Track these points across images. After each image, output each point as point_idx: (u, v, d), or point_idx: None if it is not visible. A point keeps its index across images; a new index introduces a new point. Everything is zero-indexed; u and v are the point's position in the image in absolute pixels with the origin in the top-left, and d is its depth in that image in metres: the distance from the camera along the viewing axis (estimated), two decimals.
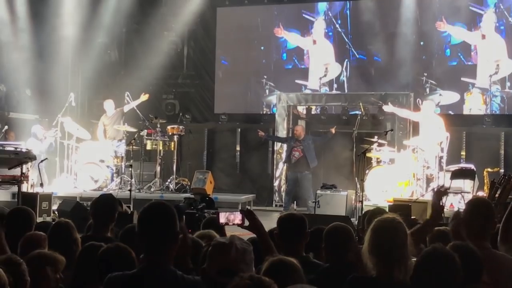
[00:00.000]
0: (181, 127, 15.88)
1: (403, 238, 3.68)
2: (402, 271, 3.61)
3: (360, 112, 14.89)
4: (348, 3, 17.25)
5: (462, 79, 16.03)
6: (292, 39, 17.64)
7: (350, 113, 15.89)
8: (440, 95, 15.87)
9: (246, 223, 4.24)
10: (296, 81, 17.37)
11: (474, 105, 15.94)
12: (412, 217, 9.64)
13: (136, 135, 15.39)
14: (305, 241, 4.69)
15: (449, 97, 16.01)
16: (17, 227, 5.11)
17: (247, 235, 4.30)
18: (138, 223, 3.52)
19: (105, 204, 5.69)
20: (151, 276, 3.36)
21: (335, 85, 16.63)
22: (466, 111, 16.06)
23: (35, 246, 4.41)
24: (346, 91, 16.83)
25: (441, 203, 4.58)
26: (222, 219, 4.21)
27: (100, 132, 15.74)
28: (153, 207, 3.56)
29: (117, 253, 3.94)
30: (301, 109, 16.91)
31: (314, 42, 17.42)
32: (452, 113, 15.98)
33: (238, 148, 17.78)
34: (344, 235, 4.61)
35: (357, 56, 17.04)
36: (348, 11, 17.21)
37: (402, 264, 3.62)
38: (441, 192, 4.69)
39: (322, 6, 17.54)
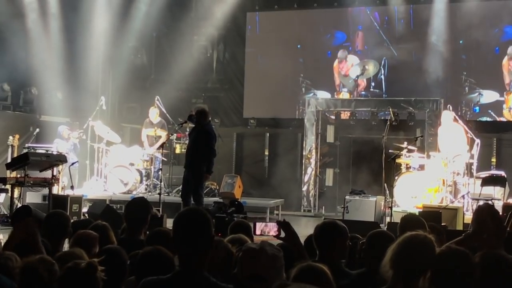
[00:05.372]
0: None
1: (430, 258, 3.59)
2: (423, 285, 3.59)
3: (389, 117, 14.79)
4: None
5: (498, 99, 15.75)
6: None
7: (380, 118, 15.83)
8: (480, 94, 15.67)
9: (282, 234, 4.24)
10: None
11: None
12: (443, 224, 9.59)
13: (166, 139, 15.47)
14: (343, 250, 4.67)
15: (488, 96, 15.78)
16: (53, 231, 5.17)
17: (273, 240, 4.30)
18: (173, 228, 3.51)
19: (138, 207, 5.71)
20: (184, 281, 3.36)
21: (372, 83, 16.54)
22: (505, 111, 15.82)
23: (86, 245, 4.46)
24: (384, 89, 16.69)
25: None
26: (258, 231, 4.22)
27: (145, 138, 15.84)
28: (188, 212, 3.55)
29: (157, 256, 3.96)
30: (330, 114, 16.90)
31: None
32: (483, 120, 15.85)
33: (266, 153, 17.80)
34: (388, 242, 4.59)
35: (395, 53, 16.91)
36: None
37: (424, 278, 3.58)
38: (484, 208, 4.60)
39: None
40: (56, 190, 12.32)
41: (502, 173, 13.15)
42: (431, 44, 16.36)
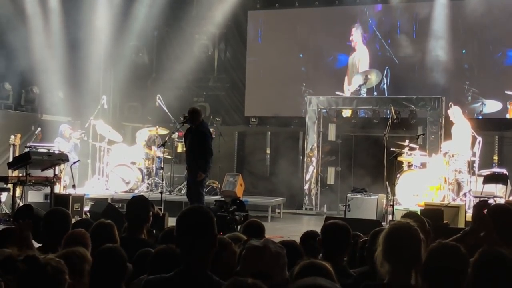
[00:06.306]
0: (211, 130, 15.92)
1: (417, 244, 3.61)
2: (417, 278, 3.58)
3: (391, 116, 14.77)
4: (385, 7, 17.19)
5: (506, 92, 15.65)
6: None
7: (382, 116, 15.80)
8: (483, 104, 15.59)
9: None
10: (337, 92, 17.13)
11: None
12: (444, 222, 9.60)
13: (167, 137, 15.47)
14: (346, 251, 4.68)
15: (491, 106, 15.67)
16: (54, 228, 5.14)
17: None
18: (176, 227, 3.49)
19: (138, 205, 5.68)
20: (187, 280, 3.36)
21: (375, 93, 16.50)
22: None
23: (78, 243, 4.45)
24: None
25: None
26: None
27: (141, 145, 16.00)
28: (190, 211, 3.53)
29: (171, 255, 3.95)
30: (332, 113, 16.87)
31: (354, 49, 17.38)
32: (485, 118, 15.80)
33: (268, 151, 17.79)
34: None
35: (398, 63, 16.87)
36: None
37: (417, 271, 3.59)
38: (482, 205, 4.60)
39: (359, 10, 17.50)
40: (57, 189, 12.31)
41: (504, 171, 13.14)
42: (434, 54, 16.32)
